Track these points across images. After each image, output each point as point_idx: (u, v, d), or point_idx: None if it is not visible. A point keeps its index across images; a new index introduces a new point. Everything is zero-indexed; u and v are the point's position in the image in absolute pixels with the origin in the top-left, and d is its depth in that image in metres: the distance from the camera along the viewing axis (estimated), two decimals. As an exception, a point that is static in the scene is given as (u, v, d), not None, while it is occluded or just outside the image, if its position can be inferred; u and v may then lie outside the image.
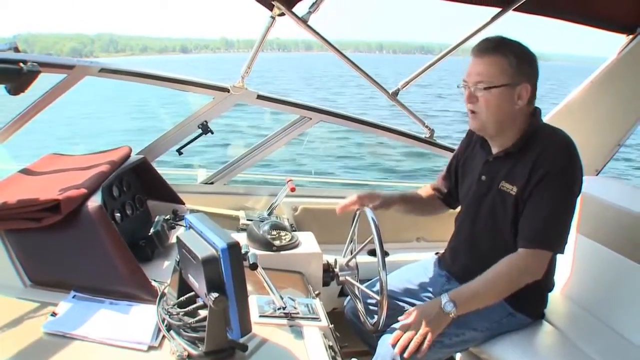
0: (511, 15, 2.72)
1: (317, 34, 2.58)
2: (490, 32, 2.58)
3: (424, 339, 1.85)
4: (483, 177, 2.08)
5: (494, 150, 2.06)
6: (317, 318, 1.70)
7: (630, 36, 2.80)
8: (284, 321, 1.65)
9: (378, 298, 1.85)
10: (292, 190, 2.50)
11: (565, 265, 2.45)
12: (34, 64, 1.77)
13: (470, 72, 1.92)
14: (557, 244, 1.93)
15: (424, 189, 2.46)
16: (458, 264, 2.20)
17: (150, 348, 1.46)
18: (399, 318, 1.95)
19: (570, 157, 1.91)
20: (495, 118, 1.92)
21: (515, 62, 1.87)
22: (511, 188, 1.96)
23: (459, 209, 2.30)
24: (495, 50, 1.88)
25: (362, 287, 1.99)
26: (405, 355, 1.84)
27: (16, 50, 1.92)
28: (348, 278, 2.11)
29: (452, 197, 2.37)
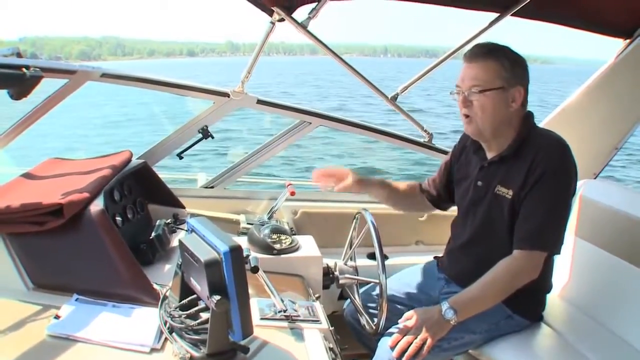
0: (512, 19, 2.74)
1: (317, 39, 2.59)
2: (490, 36, 2.61)
3: (423, 343, 1.87)
4: (479, 183, 2.09)
5: (489, 155, 2.08)
6: (318, 320, 1.72)
7: (628, 40, 2.81)
8: (285, 324, 1.66)
9: (378, 301, 1.86)
10: (292, 194, 2.51)
11: (563, 268, 2.47)
12: (37, 69, 1.79)
13: (463, 77, 1.94)
14: (552, 244, 1.95)
15: (410, 184, 2.46)
16: (456, 268, 2.21)
17: (153, 350, 1.47)
18: (399, 321, 1.96)
19: (564, 159, 1.93)
20: (491, 121, 1.94)
21: (508, 65, 1.91)
22: (507, 192, 1.98)
23: (453, 212, 2.32)
24: (488, 54, 1.91)
25: (362, 290, 2.00)
26: (404, 359, 1.86)
27: (19, 55, 1.94)
28: (348, 281, 2.12)
29: (441, 199, 2.38)
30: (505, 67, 1.90)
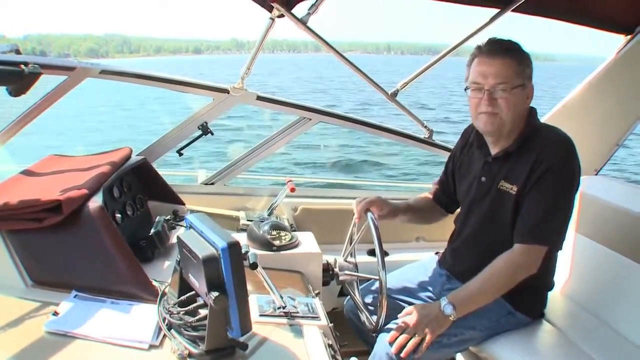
0: (513, 16, 2.72)
1: (317, 35, 2.58)
2: (490, 33, 2.60)
3: (422, 340, 1.86)
4: (483, 179, 2.08)
5: (493, 150, 2.06)
6: (317, 317, 1.71)
7: (629, 36, 2.80)
8: (284, 320, 1.66)
9: (378, 298, 1.86)
10: (292, 190, 2.51)
11: (564, 265, 2.46)
12: (35, 65, 1.78)
13: (486, 74, 1.90)
14: (553, 239, 1.94)
15: (424, 197, 2.44)
16: (460, 264, 2.20)
17: (151, 347, 1.47)
18: (398, 316, 1.95)
19: (569, 155, 1.92)
20: (513, 117, 1.93)
21: (527, 62, 1.92)
22: (511, 187, 1.97)
23: (457, 209, 2.31)
24: (508, 51, 1.90)
25: (362, 287, 2.00)
26: (402, 355, 1.85)
27: (17, 52, 1.92)
28: (348, 278, 2.12)
29: (452, 201, 2.37)
30: (522, 63, 1.91)
